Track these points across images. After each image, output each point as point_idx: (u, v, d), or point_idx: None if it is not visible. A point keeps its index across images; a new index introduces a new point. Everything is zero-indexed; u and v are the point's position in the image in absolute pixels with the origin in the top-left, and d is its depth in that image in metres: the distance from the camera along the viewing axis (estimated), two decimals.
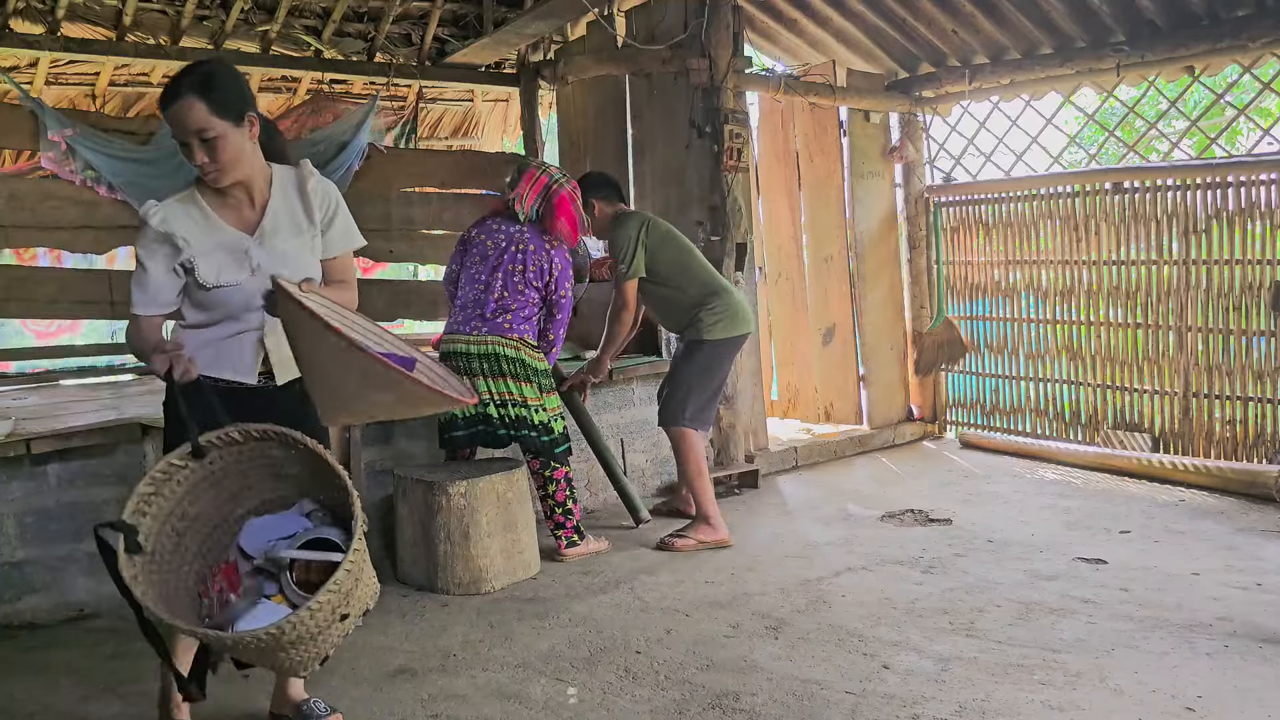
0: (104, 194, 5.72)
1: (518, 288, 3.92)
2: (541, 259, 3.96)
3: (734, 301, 4.30)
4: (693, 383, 4.24)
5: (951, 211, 6.46)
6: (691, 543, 4.16)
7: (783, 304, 6.83)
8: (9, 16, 5.42)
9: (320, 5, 6.25)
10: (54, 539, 3.61)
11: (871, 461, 5.93)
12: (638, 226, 4.29)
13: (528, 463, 4.04)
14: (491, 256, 3.96)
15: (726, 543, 4.20)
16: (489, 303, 3.91)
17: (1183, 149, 6.19)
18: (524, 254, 3.94)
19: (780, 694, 2.76)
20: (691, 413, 4.23)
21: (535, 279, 3.95)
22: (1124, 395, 5.64)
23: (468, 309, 3.93)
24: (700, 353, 4.24)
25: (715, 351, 4.25)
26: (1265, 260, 4.98)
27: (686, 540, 4.17)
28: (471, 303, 3.93)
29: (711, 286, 4.30)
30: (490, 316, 3.89)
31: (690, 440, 4.24)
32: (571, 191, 4.06)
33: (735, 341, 4.30)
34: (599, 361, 4.44)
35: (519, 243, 3.96)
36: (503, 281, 3.92)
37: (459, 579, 3.73)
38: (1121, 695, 2.69)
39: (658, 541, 4.22)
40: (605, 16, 5.76)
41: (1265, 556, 3.86)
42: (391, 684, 2.93)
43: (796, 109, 6.41)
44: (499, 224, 4.04)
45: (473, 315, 3.91)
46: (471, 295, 3.95)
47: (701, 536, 4.18)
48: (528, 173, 4.09)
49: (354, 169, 6.36)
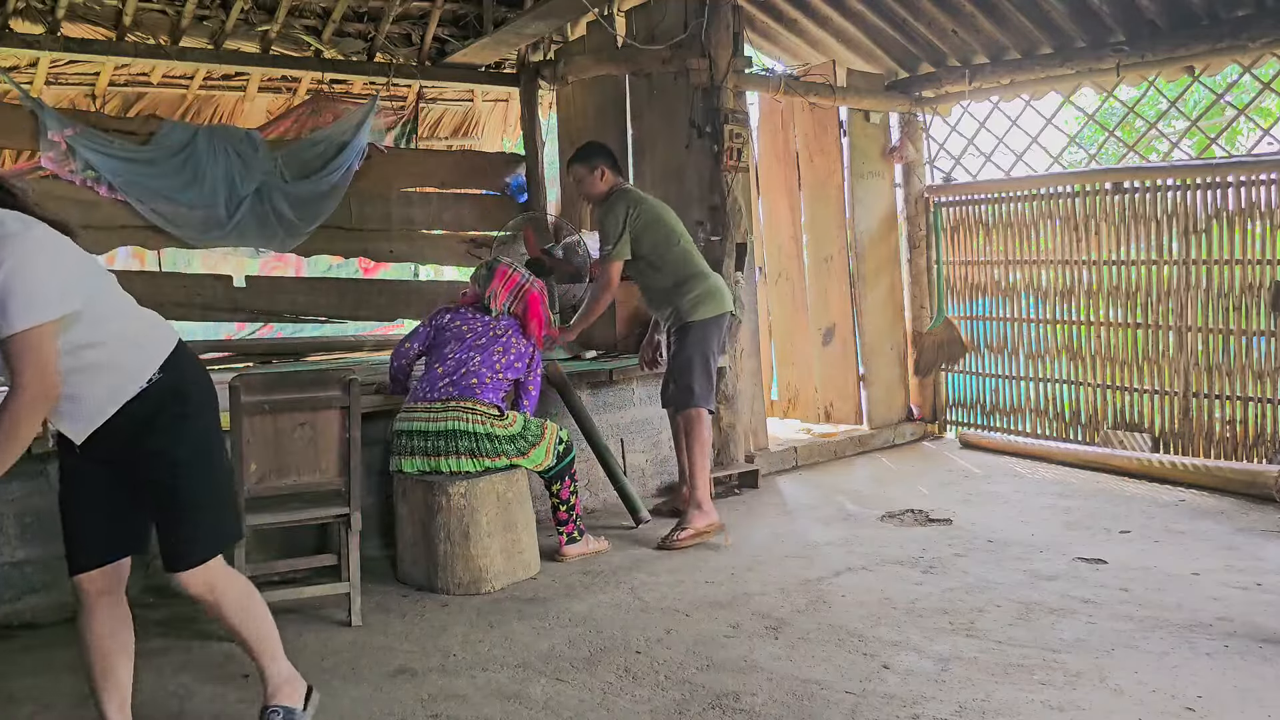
0: (104, 194, 5.73)
1: (496, 368, 3.91)
2: (522, 348, 4.03)
3: (710, 285, 4.43)
4: (694, 363, 4.36)
5: (951, 211, 6.46)
6: (689, 533, 4.22)
7: (783, 304, 6.83)
8: (9, 16, 5.42)
9: (320, 5, 6.25)
10: (54, 539, 3.56)
11: (871, 461, 5.93)
12: (625, 209, 4.39)
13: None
14: (469, 338, 3.97)
15: (718, 526, 4.31)
16: (459, 373, 3.86)
17: (1183, 149, 6.19)
18: (506, 340, 3.99)
19: (780, 694, 2.76)
20: (700, 392, 4.36)
21: (516, 360, 3.98)
22: (1124, 395, 5.63)
23: (435, 381, 3.86)
24: (689, 335, 4.38)
25: (703, 331, 4.38)
26: (1265, 260, 4.99)
27: (685, 533, 4.23)
28: (440, 375, 3.87)
29: (687, 271, 4.41)
30: (459, 379, 3.84)
31: (704, 420, 4.38)
32: (540, 291, 4.15)
33: (719, 321, 4.43)
34: (573, 328, 4.63)
35: (501, 331, 4.01)
36: (481, 359, 3.91)
37: (459, 579, 3.73)
38: (1121, 695, 2.69)
39: (658, 543, 4.24)
40: (605, 16, 5.76)
41: (1265, 556, 3.86)
42: (391, 684, 2.93)
43: (796, 109, 6.41)
44: (472, 313, 4.08)
45: (440, 380, 3.85)
46: (442, 370, 3.88)
47: (697, 524, 4.26)
48: (499, 270, 4.12)
49: (354, 169, 6.37)
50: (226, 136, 6.02)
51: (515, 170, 7.11)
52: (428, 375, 3.92)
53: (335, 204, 6.30)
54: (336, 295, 6.75)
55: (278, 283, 6.72)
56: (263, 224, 6.03)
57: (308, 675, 2.97)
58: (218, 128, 6.18)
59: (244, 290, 6.31)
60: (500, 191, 7.12)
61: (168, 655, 3.15)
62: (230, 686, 2.91)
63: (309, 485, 3.38)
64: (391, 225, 6.69)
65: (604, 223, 4.44)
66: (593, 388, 4.89)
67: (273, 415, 3.29)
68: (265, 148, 6.08)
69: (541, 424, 4.00)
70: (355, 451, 3.38)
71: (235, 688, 2.92)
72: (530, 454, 3.90)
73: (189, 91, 6.72)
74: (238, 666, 3.07)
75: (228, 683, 2.93)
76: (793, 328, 6.79)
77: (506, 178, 7.11)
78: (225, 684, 2.93)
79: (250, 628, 2.47)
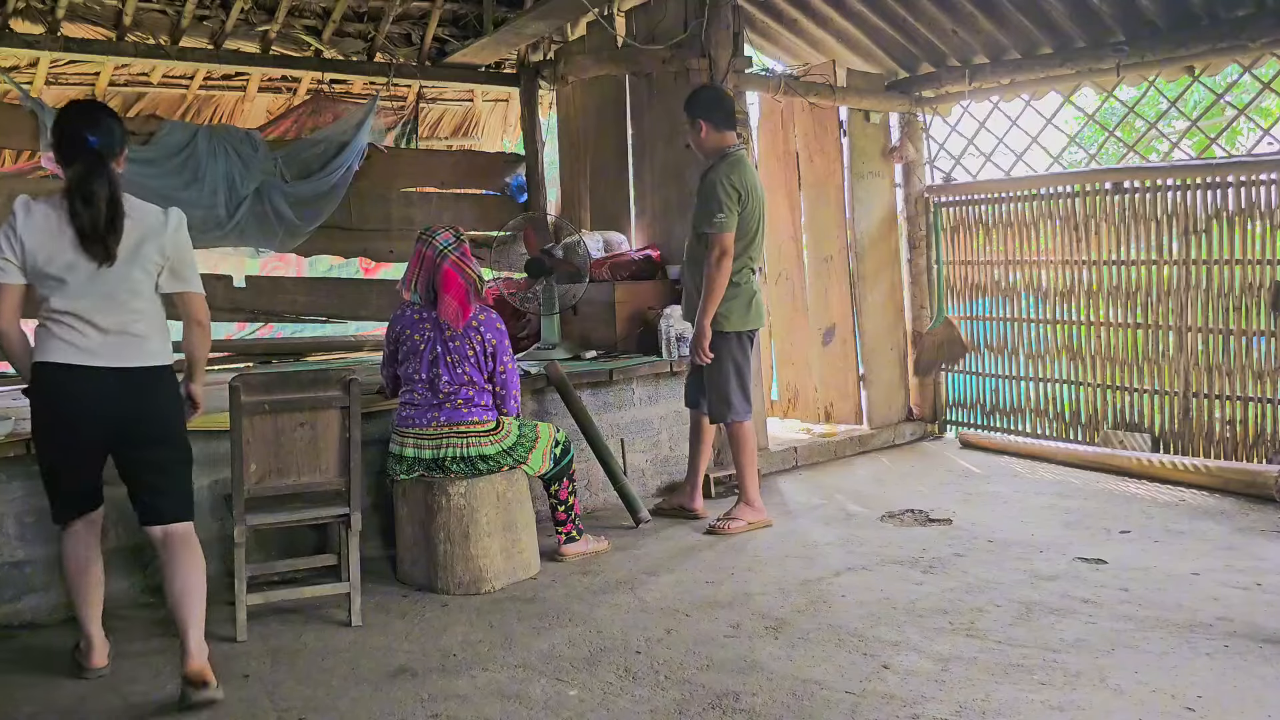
0: None
1: (466, 379, 3.74)
2: (477, 345, 3.75)
3: (757, 294, 4.43)
4: (730, 374, 4.37)
5: (951, 211, 6.46)
6: (742, 524, 4.39)
7: (783, 304, 6.83)
8: (9, 16, 5.43)
9: (320, 5, 6.25)
10: (54, 539, 3.58)
11: (871, 461, 5.93)
12: (741, 181, 4.26)
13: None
14: (424, 351, 3.74)
15: (769, 522, 4.48)
16: (438, 397, 3.74)
17: (1183, 149, 6.19)
18: (461, 347, 3.73)
19: (780, 694, 2.76)
20: (738, 405, 4.39)
21: (477, 361, 3.76)
22: (1124, 395, 5.63)
23: (418, 406, 3.77)
24: (727, 344, 4.36)
25: (740, 341, 4.39)
26: (1265, 260, 4.98)
27: (737, 523, 4.39)
28: (421, 403, 3.77)
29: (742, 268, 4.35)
30: (441, 404, 3.74)
31: (746, 431, 4.45)
32: (459, 259, 3.75)
33: (752, 334, 4.47)
34: (701, 326, 4.30)
35: (451, 334, 3.73)
36: (449, 377, 3.73)
37: (459, 579, 3.73)
38: (1121, 695, 2.69)
39: (707, 526, 4.43)
40: (605, 16, 5.76)
41: (1265, 556, 3.86)
42: (391, 684, 2.93)
43: (796, 109, 6.41)
44: (418, 313, 3.80)
45: (426, 411, 3.76)
46: (420, 398, 3.77)
47: (750, 518, 4.43)
48: (415, 249, 3.81)
49: (354, 169, 6.37)
50: (226, 136, 6.01)
51: (515, 170, 7.11)
52: (410, 397, 3.80)
53: (335, 204, 6.29)
54: (336, 295, 6.75)
55: (278, 283, 6.72)
56: (262, 224, 6.03)
57: (308, 675, 2.99)
58: (218, 128, 6.17)
59: (244, 290, 6.32)
60: (500, 191, 7.12)
61: (168, 655, 3.15)
62: (230, 686, 2.91)
63: (309, 485, 3.38)
64: (391, 225, 6.69)
65: (713, 186, 4.24)
66: (593, 388, 4.89)
67: (273, 415, 3.29)
68: (265, 148, 6.08)
69: (535, 427, 3.98)
70: (355, 451, 3.38)
71: (235, 687, 2.92)
72: (528, 460, 3.89)
73: (189, 91, 6.72)
74: (237, 666, 3.07)
75: (228, 682, 2.92)
76: (793, 328, 6.79)
77: (506, 178, 7.12)
78: (225, 684, 2.92)
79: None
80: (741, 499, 4.48)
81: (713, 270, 4.24)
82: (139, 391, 2.84)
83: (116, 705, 2.85)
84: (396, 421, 3.84)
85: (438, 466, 3.75)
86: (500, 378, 3.83)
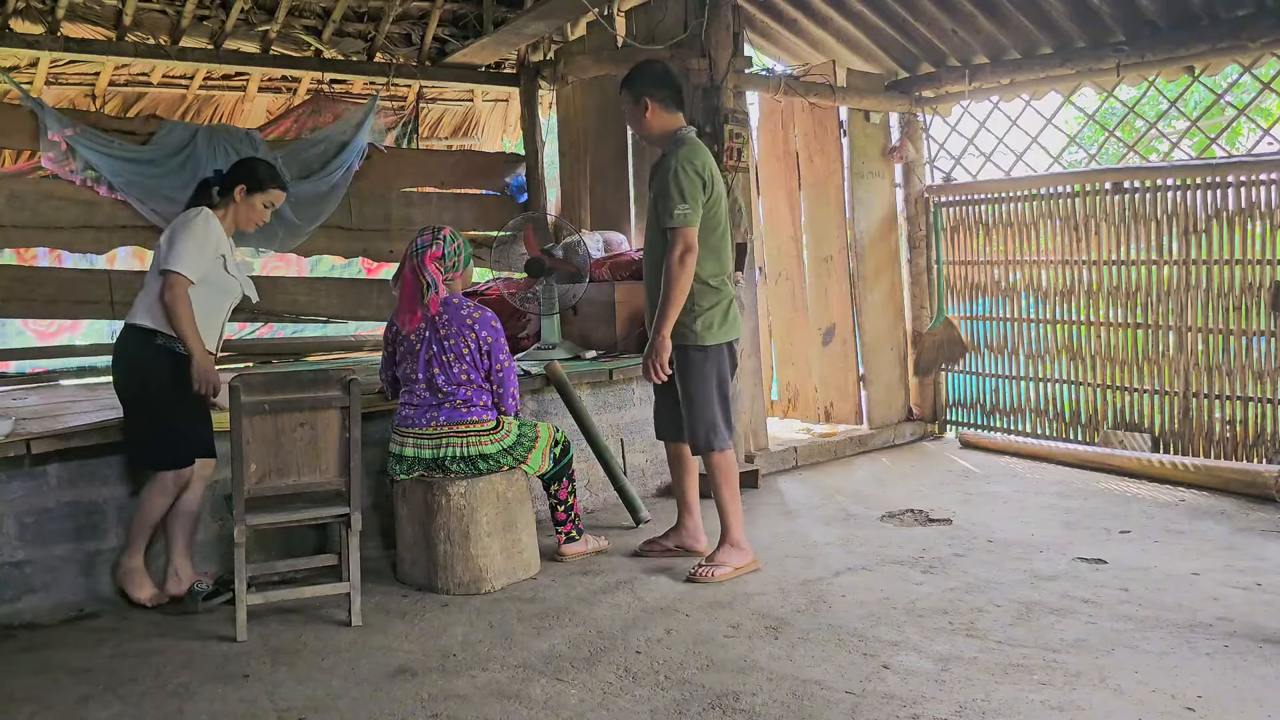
0: (104, 194, 5.74)
1: (463, 378, 3.72)
2: (472, 343, 3.71)
3: (732, 302, 3.87)
4: (709, 397, 3.80)
5: (951, 211, 6.46)
6: (727, 570, 3.76)
7: (783, 304, 6.83)
8: (9, 16, 5.43)
9: (320, 5, 6.26)
10: (54, 539, 3.61)
11: (871, 461, 5.93)
12: (704, 165, 3.69)
13: None
14: (420, 351, 3.73)
15: (757, 565, 3.87)
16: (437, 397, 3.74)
17: (1183, 149, 6.19)
18: (456, 345, 3.70)
19: (780, 694, 2.76)
20: (720, 432, 3.81)
21: (474, 358, 3.73)
22: (1124, 395, 5.63)
23: (418, 406, 3.76)
24: (705, 362, 3.79)
25: (719, 356, 3.82)
26: (1265, 260, 4.98)
27: (723, 569, 3.76)
28: (420, 403, 3.76)
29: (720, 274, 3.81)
30: (441, 403, 3.73)
31: (728, 461, 3.85)
32: (418, 263, 3.71)
33: (732, 346, 3.89)
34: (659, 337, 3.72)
35: (443, 327, 3.70)
36: (446, 377, 3.72)
37: (459, 579, 3.73)
38: (1121, 695, 2.69)
39: (686, 575, 3.78)
40: (605, 16, 5.77)
41: (1265, 556, 3.86)
42: (391, 684, 2.93)
43: (796, 109, 6.41)
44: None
45: (425, 410, 3.75)
46: (418, 400, 3.76)
47: (736, 562, 3.80)
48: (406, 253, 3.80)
49: (354, 169, 6.37)
50: (226, 136, 6.02)
51: (515, 170, 7.12)
52: (410, 397, 3.80)
53: (335, 204, 6.30)
54: (337, 295, 6.75)
55: (278, 283, 6.72)
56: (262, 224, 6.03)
57: (308, 675, 2.99)
58: (218, 128, 6.18)
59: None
60: (500, 191, 7.12)
61: (168, 655, 3.15)
62: (230, 686, 2.91)
63: (309, 485, 3.38)
64: (391, 225, 6.69)
65: (675, 176, 3.63)
66: (593, 388, 4.89)
67: (273, 415, 3.29)
68: (265, 148, 6.08)
69: (535, 427, 3.97)
70: (355, 451, 3.38)
71: (235, 687, 2.92)
72: (528, 460, 3.89)
73: (189, 91, 6.72)
74: (238, 666, 3.07)
75: (228, 682, 2.93)
76: (793, 328, 6.79)
77: (506, 178, 7.12)
78: (225, 684, 2.93)
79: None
80: (724, 540, 3.83)
81: (675, 270, 3.62)
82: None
83: (116, 706, 2.85)
84: (397, 421, 3.84)
85: (438, 466, 3.75)
86: (497, 376, 3.81)
